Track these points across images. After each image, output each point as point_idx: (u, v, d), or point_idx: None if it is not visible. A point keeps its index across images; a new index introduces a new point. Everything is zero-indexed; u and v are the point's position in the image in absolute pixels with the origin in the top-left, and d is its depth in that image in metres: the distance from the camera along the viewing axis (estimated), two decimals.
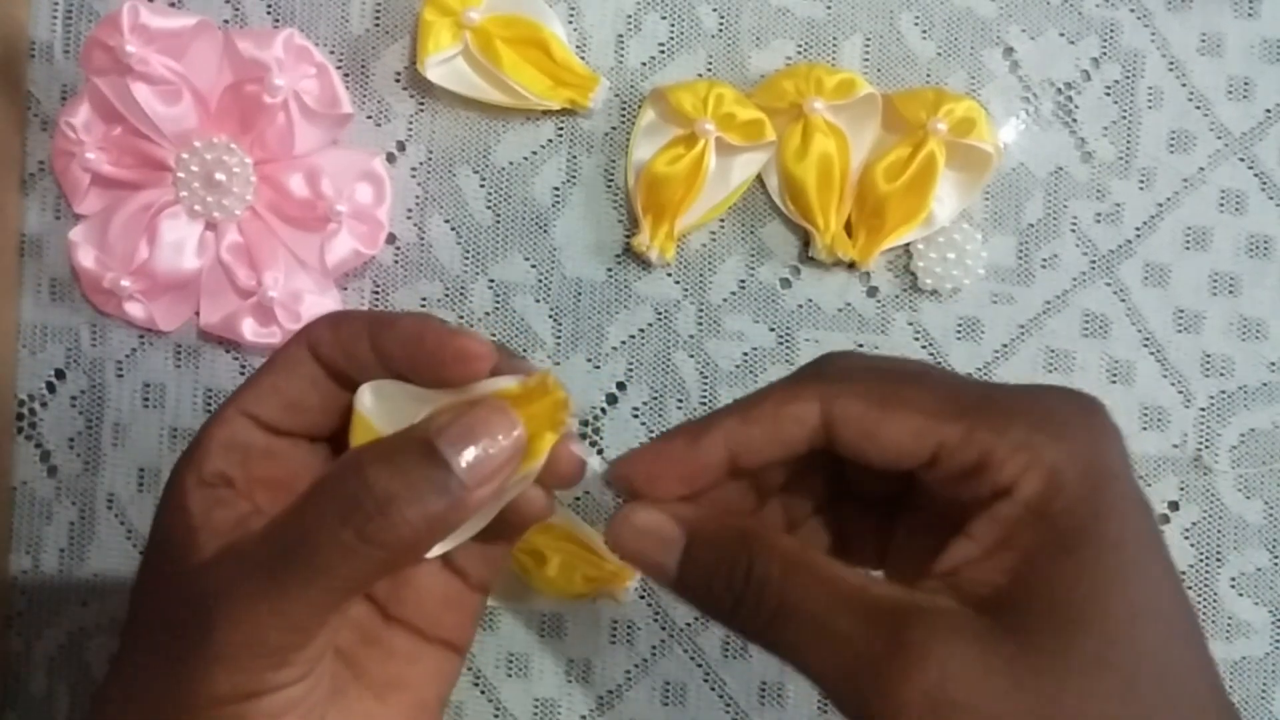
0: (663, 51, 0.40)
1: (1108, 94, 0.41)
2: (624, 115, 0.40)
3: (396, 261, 0.40)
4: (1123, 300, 0.41)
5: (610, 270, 0.40)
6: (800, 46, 0.41)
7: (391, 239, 0.40)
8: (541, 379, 0.26)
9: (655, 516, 0.27)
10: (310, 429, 0.28)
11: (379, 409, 0.27)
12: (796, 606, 0.25)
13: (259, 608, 0.24)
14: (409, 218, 0.40)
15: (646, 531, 0.27)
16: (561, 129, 0.40)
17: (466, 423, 0.25)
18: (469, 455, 0.25)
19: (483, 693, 0.40)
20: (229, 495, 0.27)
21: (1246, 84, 0.41)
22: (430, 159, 0.40)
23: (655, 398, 0.40)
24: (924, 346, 0.41)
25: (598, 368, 0.40)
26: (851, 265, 0.40)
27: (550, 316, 0.40)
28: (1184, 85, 0.41)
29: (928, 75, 0.41)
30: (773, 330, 0.40)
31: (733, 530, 0.26)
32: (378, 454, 0.25)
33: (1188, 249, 0.41)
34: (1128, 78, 0.41)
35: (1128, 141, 0.41)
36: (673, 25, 0.40)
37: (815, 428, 0.26)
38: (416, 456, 0.25)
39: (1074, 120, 0.41)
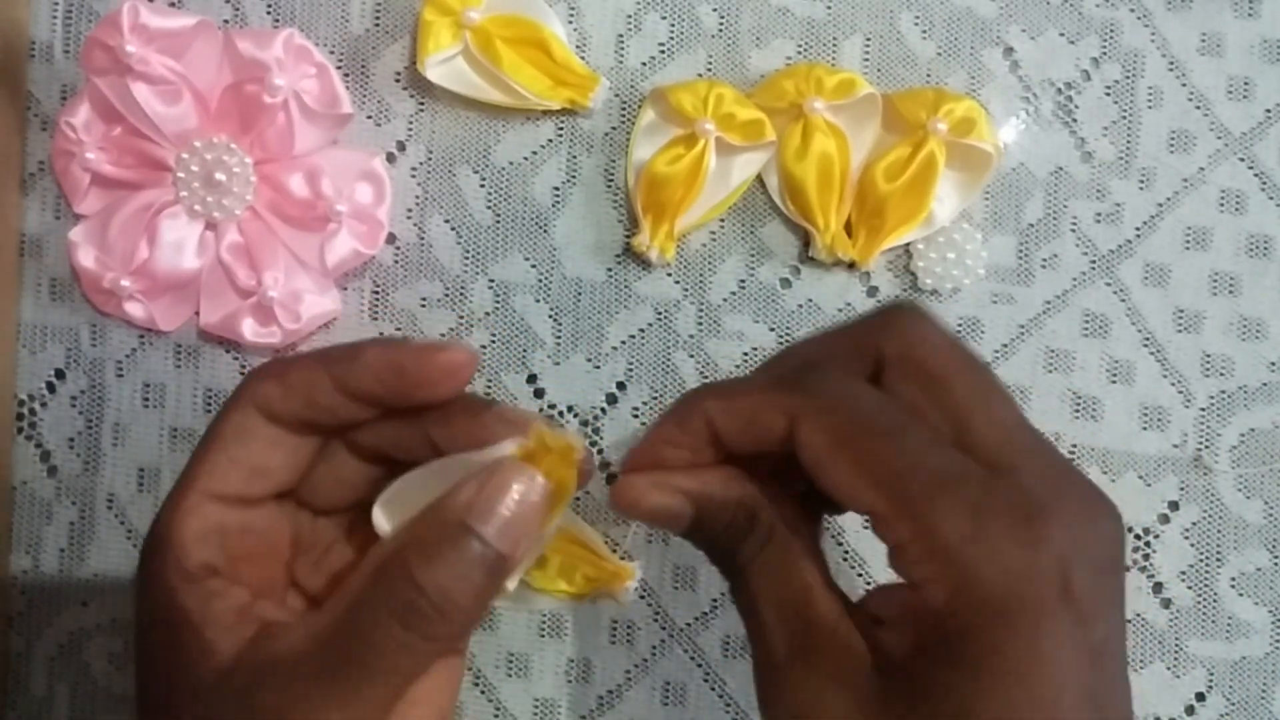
0: (663, 51, 0.40)
1: (1108, 94, 0.41)
2: (624, 115, 0.40)
3: (396, 261, 0.40)
4: (1123, 300, 0.41)
5: (610, 270, 0.40)
6: (800, 46, 0.41)
7: (391, 239, 0.40)
8: (538, 437, 0.26)
9: (662, 496, 0.28)
10: (278, 487, 0.28)
11: (398, 519, 0.28)
12: (755, 584, 0.27)
13: (331, 716, 0.25)
14: (409, 218, 0.40)
15: (660, 503, 0.28)
16: (561, 129, 0.40)
17: (490, 492, 0.26)
18: (501, 522, 0.25)
19: (483, 693, 0.40)
20: (220, 585, 0.27)
21: (1246, 84, 0.41)
22: (430, 159, 0.40)
23: (655, 398, 0.40)
24: None
25: (598, 368, 0.40)
26: (851, 265, 0.40)
27: (550, 316, 0.40)
28: (1184, 85, 0.41)
29: (928, 75, 0.41)
30: (773, 330, 0.40)
31: (741, 500, 0.28)
32: (419, 550, 0.25)
33: (1188, 249, 0.41)
34: (1128, 78, 0.41)
35: (1128, 141, 0.41)
36: (673, 25, 0.40)
37: (784, 438, 0.27)
38: (455, 543, 0.25)
39: (1074, 120, 0.41)
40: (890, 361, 0.27)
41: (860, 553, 0.40)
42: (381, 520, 0.28)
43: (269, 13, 0.40)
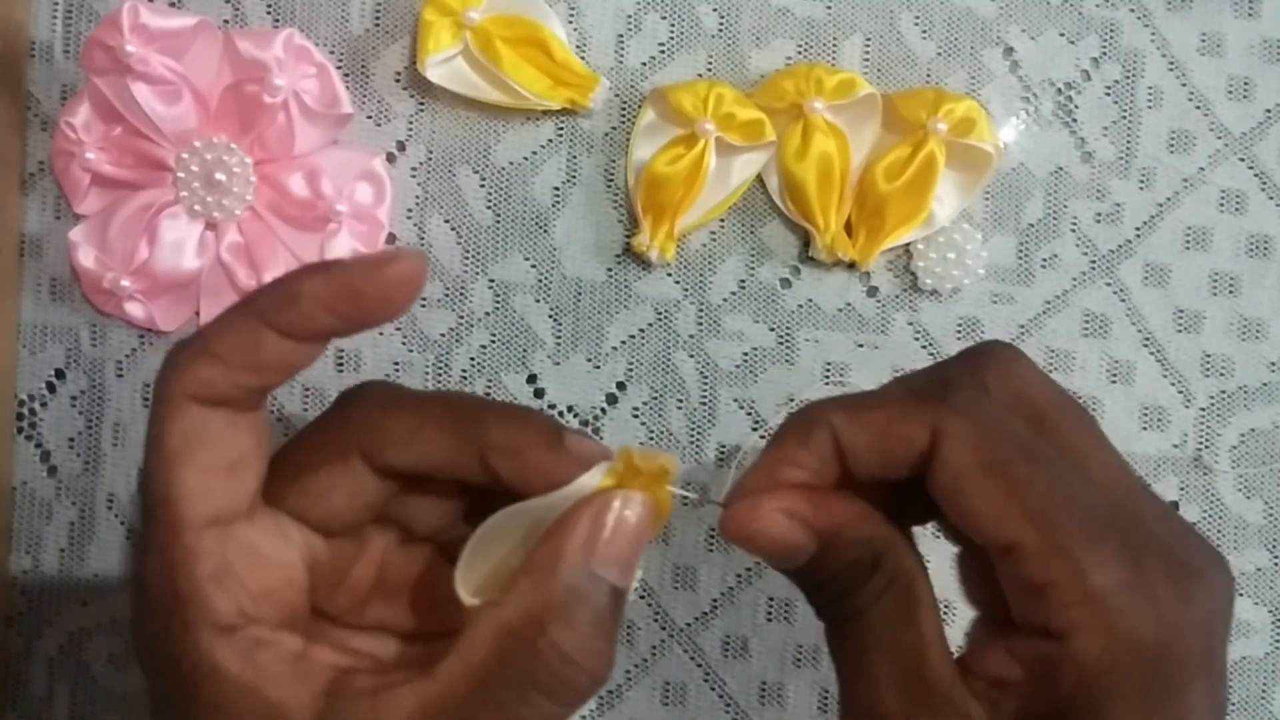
0: (663, 51, 0.40)
1: (1108, 94, 0.41)
2: (624, 115, 0.40)
3: None
4: (1123, 300, 0.41)
5: (610, 270, 0.40)
6: (800, 46, 0.41)
7: (391, 239, 0.40)
8: (626, 459, 0.25)
9: (789, 527, 0.26)
10: (259, 476, 0.25)
11: (483, 578, 0.26)
12: (868, 635, 0.24)
13: None
14: (409, 218, 0.40)
15: (786, 528, 0.26)
16: (561, 129, 0.40)
17: (612, 530, 0.24)
18: (623, 560, 0.24)
19: None
20: (262, 632, 0.24)
21: (1246, 84, 0.41)
22: (430, 159, 0.40)
23: (655, 398, 0.40)
24: (924, 346, 0.41)
25: (598, 368, 0.40)
26: (851, 265, 0.40)
27: (550, 316, 0.40)
28: (1184, 85, 0.41)
29: (928, 75, 0.41)
30: (773, 330, 0.40)
31: (871, 540, 0.25)
32: (555, 614, 0.23)
33: (1188, 249, 0.41)
34: (1128, 78, 0.41)
35: (1128, 141, 0.41)
36: (673, 25, 0.40)
37: (923, 453, 0.25)
38: (589, 596, 0.24)
39: (1074, 120, 0.41)
40: (996, 398, 0.25)
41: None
42: (465, 593, 0.26)
43: (269, 13, 0.40)
